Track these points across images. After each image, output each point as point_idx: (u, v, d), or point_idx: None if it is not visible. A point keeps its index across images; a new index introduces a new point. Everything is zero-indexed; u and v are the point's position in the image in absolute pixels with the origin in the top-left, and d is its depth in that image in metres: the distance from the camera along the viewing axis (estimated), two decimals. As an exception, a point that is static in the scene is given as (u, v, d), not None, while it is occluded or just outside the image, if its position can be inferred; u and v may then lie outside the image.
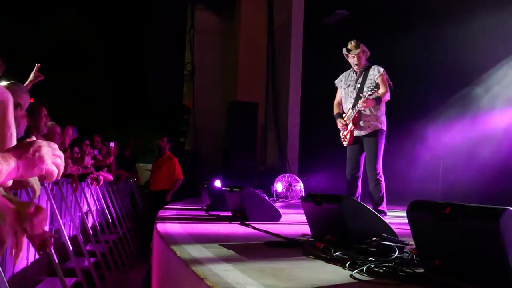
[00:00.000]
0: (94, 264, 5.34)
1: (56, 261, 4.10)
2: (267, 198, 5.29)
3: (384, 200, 5.18)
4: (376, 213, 5.08)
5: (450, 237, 2.05)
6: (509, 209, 1.80)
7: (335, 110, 5.49)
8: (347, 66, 5.60)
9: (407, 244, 2.65)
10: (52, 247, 3.69)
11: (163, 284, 3.25)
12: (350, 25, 12.54)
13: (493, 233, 1.79)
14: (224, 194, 5.48)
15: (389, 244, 2.59)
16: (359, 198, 5.26)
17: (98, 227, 6.67)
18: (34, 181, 1.37)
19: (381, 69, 5.15)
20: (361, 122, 5.13)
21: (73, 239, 5.66)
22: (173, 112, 13.55)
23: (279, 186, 9.74)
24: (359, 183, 5.33)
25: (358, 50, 5.22)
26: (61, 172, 1.37)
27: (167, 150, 9.08)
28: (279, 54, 12.76)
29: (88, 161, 5.96)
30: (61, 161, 1.36)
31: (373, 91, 4.92)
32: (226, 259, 2.54)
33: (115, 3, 13.97)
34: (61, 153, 1.36)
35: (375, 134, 5.12)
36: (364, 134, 5.16)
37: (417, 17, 10.65)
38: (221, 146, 12.48)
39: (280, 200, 9.52)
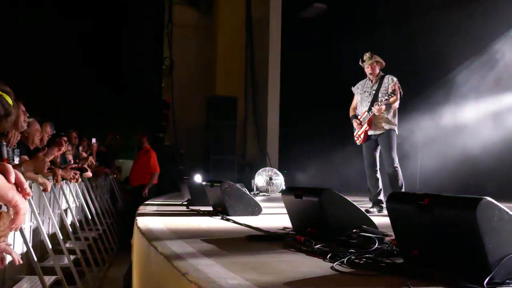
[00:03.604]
0: (74, 262, 5.28)
1: (35, 259, 4.04)
2: (248, 192, 5.30)
3: (403, 186, 5.64)
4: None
5: (428, 228, 2.08)
6: (486, 198, 1.83)
7: (351, 113, 6.04)
8: (328, 61, 5.86)
9: (387, 235, 2.68)
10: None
11: (144, 280, 3.24)
12: (328, 19, 12.59)
13: (470, 222, 1.82)
14: (205, 189, 5.47)
15: (369, 236, 2.62)
16: (381, 191, 5.69)
17: (78, 224, 6.59)
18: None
19: (395, 79, 5.68)
20: (375, 124, 5.68)
21: (52, 236, 5.59)
22: (152, 107, 13.46)
23: (259, 180, 9.74)
24: (379, 177, 5.78)
25: (371, 61, 5.74)
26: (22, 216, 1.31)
27: (145, 143, 9.00)
28: (257, 48, 12.75)
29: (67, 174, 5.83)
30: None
31: (390, 96, 5.50)
32: (207, 254, 2.54)
33: (92, -2, 13.81)
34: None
35: (387, 132, 5.66)
36: (378, 133, 5.70)
37: (396, 10, 10.73)
38: (201, 140, 12.44)
39: (261, 193, 9.53)
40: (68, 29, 13.97)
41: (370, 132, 5.73)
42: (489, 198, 1.84)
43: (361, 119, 5.80)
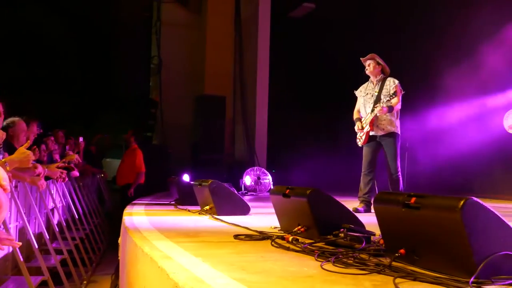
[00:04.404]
0: (60, 262, 5.25)
1: (22, 259, 4.01)
2: (236, 192, 5.30)
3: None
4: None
5: (415, 227, 2.10)
6: (472, 198, 1.85)
7: (355, 116, 6.08)
8: (317, 61, 5.85)
9: (374, 235, 2.70)
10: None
11: (131, 280, 3.23)
12: (317, 18, 12.63)
13: (456, 222, 1.84)
14: (193, 188, 5.46)
15: (356, 235, 2.63)
16: (372, 191, 5.73)
17: (64, 224, 6.54)
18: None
19: (396, 81, 5.76)
20: (377, 125, 5.74)
21: (39, 236, 5.55)
22: (140, 106, 13.39)
23: (247, 180, 9.76)
24: (374, 177, 5.82)
25: (366, 59, 5.88)
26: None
27: (132, 142, 8.96)
28: (246, 47, 12.75)
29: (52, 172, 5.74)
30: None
31: (391, 97, 5.58)
32: (195, 253, 2.53)
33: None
34: None
35: (391, 135, 5.73)
36: (380, 134, 5.75)
37: (384, 11, 10.79)
38: (189, 140, 12.41)
39: (249, 193, 9.55)
40: (55, 27, 13.84)
41: (372, 133, 5.77)
42: (475, 198, 1.86)
43: (363, 122, 5.85)
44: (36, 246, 4.59)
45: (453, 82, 9.16)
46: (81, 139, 8.90)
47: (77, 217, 7.18)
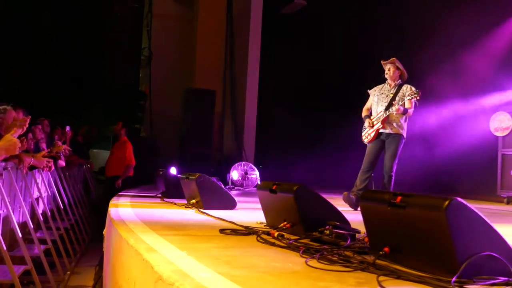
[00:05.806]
0: (44, 252, 5.21)
1: (4, 248, 3.97)
2: (223, 186, 5.31)
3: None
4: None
5: (400, 226, 2.12)
6: (457, 199, 1.87)
7: (364, 113, 6.17)
8: (307, 57, 5.82)
9: (359, 232, 2.72)
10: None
11: (115, 272, 3.21)
12: (309, 15, 12.64)
13: (440, 221, 1.85)
14: (180, 181, 5.45)
15: (342, 232, 2.64)
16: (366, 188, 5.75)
17: (49, 214, 6.49)
18: None
19: (413, 89, 5.82)
20: (387, 123, 5.82)
21: (23, 225, 5.50)
22: (129, 97, 13.31)
23: (235, 174, 9.76)
24: (371, 176, 5.90)
25: (387, 62, 5.94)
26: None
27: (122, 135, 8.91)
28: (237, 41, 12.72)
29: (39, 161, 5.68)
30: None
31: (412, 96, 5.67)
32: (180, 247, 2.53)
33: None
34: None
35: (397, 135, 5.81)
36: (388, 132, 5.83)
37: (374, 7, 10.82)
38: (177, 133, 12.37)
39: (236, 188, 9.55)
40: (44, 17, 13.68)
41: (381, 131, 5.84)
42: (459, 199, 1.87)
43: (374, 119, 5.90)
44: (20, 235, 4.55)
45: (438, 83, 9.23)
46: (67, 128, 8.84)
47: (62, 207, 7.13)
